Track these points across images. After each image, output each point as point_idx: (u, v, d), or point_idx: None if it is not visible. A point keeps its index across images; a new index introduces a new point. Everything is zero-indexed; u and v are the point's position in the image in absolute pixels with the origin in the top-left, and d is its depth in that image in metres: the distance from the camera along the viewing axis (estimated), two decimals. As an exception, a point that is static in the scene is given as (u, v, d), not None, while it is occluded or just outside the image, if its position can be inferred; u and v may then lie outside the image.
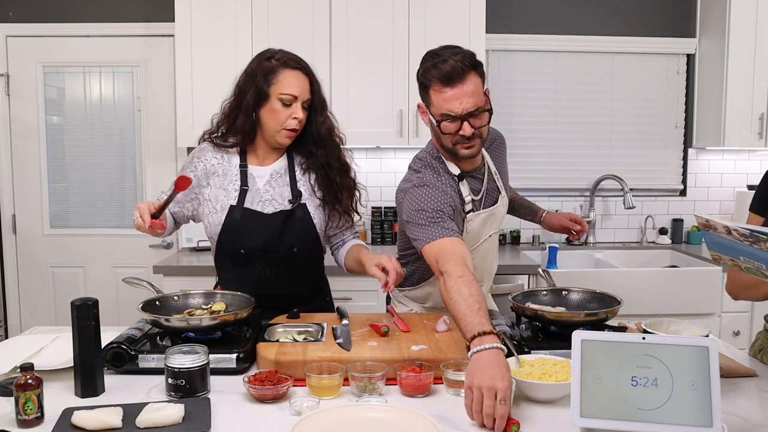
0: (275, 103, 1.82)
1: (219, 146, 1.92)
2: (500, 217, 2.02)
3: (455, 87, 1.69)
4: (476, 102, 1.71)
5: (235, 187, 1.89)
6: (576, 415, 1.18)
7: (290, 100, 1.82)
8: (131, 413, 1.27)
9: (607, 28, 3.69)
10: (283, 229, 1.88)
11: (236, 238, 1.88)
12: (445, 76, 1.69)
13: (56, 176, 3.68)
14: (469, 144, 1.77)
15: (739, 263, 1.32)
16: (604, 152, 3.79)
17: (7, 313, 3.72)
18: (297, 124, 1.85)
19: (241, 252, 1.88)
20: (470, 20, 3.22)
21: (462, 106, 1.70)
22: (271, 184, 1.92)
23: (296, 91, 1.82)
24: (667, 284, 3.10)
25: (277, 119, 1.84)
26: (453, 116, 1.72)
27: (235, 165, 1.92)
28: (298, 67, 1.84)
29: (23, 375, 1.27)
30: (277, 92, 1.82)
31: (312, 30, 3.22)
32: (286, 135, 1.86)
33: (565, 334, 1.48)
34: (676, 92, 3.78)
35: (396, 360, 1.50)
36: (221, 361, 1.54)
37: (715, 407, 1.13)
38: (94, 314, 1.43)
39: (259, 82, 1.82)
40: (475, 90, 1.71)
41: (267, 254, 1.89)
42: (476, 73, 1.72)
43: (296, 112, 1.83)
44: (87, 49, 3.60)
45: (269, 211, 1.89)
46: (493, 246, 2.04)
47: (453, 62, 1.68)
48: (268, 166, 1.94)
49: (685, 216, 3.82)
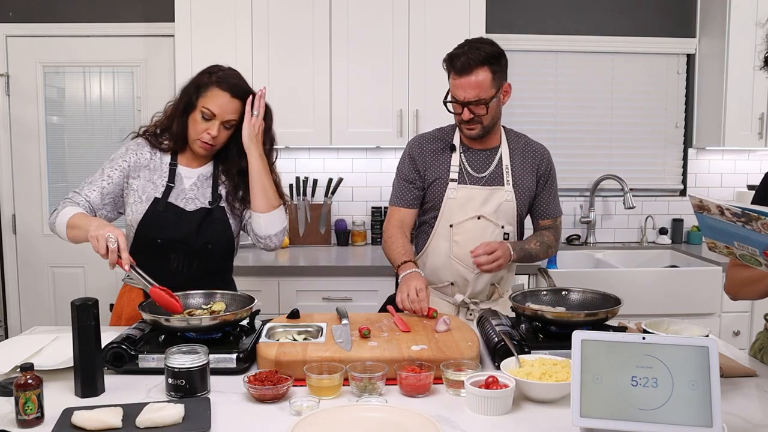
0: (197, 115, 1.95)
1: (154, 144, 2.03)
2: (490, 206, 2.10)
3: (462, 77, 1.98)
4: (478, 93, 1.98)
5: (163, 183, 1.99)
6: (576, 415, 1.18)
7: (209, 115, 1.94)
8: (131, 413, 1.27)
9: (607, 28, 3.69)
10: (200, 225, 1.99)
11: (155, 228, 1.96)
12: (456, 66, 1.97)
13: (56, 176, 3.68)
14: (469, 127, 2.05)
15: (734, 250, 1.31)
16: (604, 152, 3.79)
17: (7, 313, 3.72)
18: (210, 139, 1.95)
19: (158, 242, 1.96)
20: (470, 20, 3.22)
21: (464, 95, 1.99)
22: (196, 185, 2.04)
23: (216, 110, 1.94)
24: (667, 284, 3.10)
25: (195, 129, 1.96)
26: (457, 101, 2.01)
27: (166, 163, 2.03)
28: (228, 90, 1.95)
29: (23, 375, 1.27)
30: (201, 105, 1.94)
31: (312, 30, 3.22)
32: (200, 146, 1.97)
33: (565, 334, 1.48)
34: (676, 92, 3.78)
35: (396, 360, 1.50)
36: (221, 361, 1.54)
37: (715, 407, 1.13)
38: (94, 314, 1.43)
39: (193, 92, 1.96)
40: (480, 83, 1.97)
41: (182, 246, 1.97)
42: (488, 69, 1.97)
43: (212, 128, 1.94)
44: (87, 49, 3.60)
45: (191, 209, 2.00)
46: (483, 230, 2.10)
47: (466, 55, 1.96)
48: (196, 170, 2.05)
49: (685, 216, 3.81)
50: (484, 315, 1.86)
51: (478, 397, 1.33)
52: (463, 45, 2.00)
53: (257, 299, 1.79)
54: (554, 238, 2.21)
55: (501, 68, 2.01)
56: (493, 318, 1.79)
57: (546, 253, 2.17)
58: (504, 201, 2.11)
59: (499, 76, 2.01)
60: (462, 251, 2.10)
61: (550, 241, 2.18)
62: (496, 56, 1.99)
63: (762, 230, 1.19)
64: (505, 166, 2.13)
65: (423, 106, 3.27)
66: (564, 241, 3.74)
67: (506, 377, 1.37)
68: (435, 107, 3.31)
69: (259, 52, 3.22)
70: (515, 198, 2.12)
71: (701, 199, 1.25)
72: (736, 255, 1.33)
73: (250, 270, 3.02)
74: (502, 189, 2.11)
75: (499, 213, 2.11)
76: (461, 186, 2.11)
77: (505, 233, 2.13)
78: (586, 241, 3.74)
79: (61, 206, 1.91)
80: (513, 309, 1.76)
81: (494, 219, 2.11)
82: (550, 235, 2.19)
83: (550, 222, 2.22)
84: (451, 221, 2.11)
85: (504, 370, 1.43)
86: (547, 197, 2.20)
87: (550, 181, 2.20)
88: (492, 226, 2.11)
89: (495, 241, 2.04)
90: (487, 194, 2.11)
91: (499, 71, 2.00)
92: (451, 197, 2.11)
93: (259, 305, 1.79)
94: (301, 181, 3.58)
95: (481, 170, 2.13)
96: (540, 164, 2.17)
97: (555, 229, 2.23)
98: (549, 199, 2.20)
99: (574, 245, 3.71)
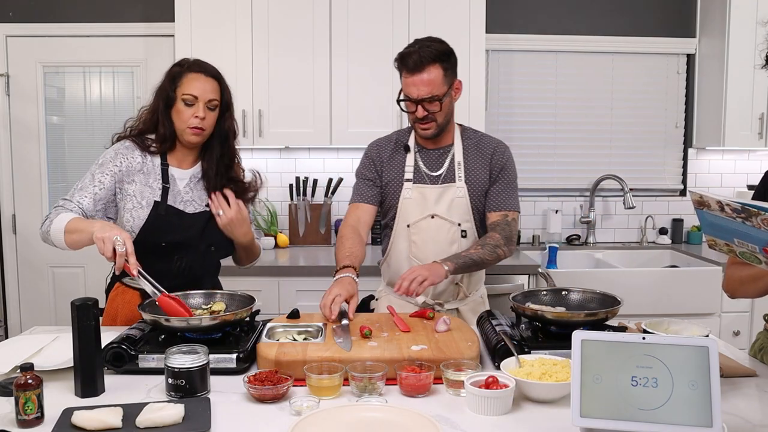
0: (180, 104, 1.94)
1: (142, 147, 2.00)
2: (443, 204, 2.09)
3: (414, 75, 1.98)
4: (431, 90, 1.98)
5: (158, 185, 1.98)
6: (576, 415, 1.18)
7: (191, 100, 1.93)
8: (131, 413, 1.27)
9: (607, 28, 3.69)
10: (204, 228, 2.00)
11: (159, 232, 1.95)
12: (408, 65, 1.98)
13: (56, 176, 3.68)
14: (424, 125, 2.05)
15: (734, 247, 1.31)
16: (604, 152, 3.79)
17: (7, 313, 3.72)
18: (199, 122, 1.94)
19: (161, 245, 1.96)
20: (470, 20, 3.22)
21: (417, 92, 1.99)
22: (190, 187, 2.03)
23: (197, 92, 1.93)
24: (667, 284, 3.10)
25: (181, 119, 1.95)
26: (410, 99, 2.01)
27: (157, 165, 2.00)
28: (202, 71, 1.97)
29: (23, 375, 1.27)
30: (181, 93, 1.94)
31: (312, 30, 3.22)
32: (192, 133, 1.95)
33: (565, 334, 1.48)
34: (676, 92, 3.78)
35: (396, 360, 1.50)
36: (221, 361, 1.54)
37: (715, 407, 1.13)
38: (94, 314, 1.43)
39: (168, 87, 1.96)
40: (433, 80, 1.97)
41: (186, 249, 1.98)
42: (440, 66, 1.98)
43: (198, 111, 1.94)
44: (87, 49, 3.60)
45: (191, 211, 2.00)
46: (438, 229, 2.10)
47: (417, 53, 1.96)
48: (188, 170, 2.04)
49: (685, 216, 3.82)
50: (484, 315, 1.86)
51: (478, 397, 1.33)
52: (414, 44, 2.00)
53: (257, 299, 1.79)
54: (501, 236, 2.04)
55: (451, 65, 2.02)
56: (493, 318, 1.79)
57: (494, 253, 2.00)
58: (456, 197, 2.09)
59: (450, 73, 2.02)
60: (420, 251, 2.11)
61: (495, 241, 2.03)
62: (447, 54, 2.00)
63: (762, 226, 1.19)
64: (458, 162, 2.11)
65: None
66: (564, 241, 3.74)
67: (506, 377, 1.37)
68: (435, 107, 3.33)
69: (259, 53, 3.22)
70: (468, 194, 2.10)
71: (701, 194, 1.25)
72: (736, 253, 1.33)
73: (250, 270, 3.01)
74: (453, 186, 2.10)
75: (452, 210, 2.10)
76: (415, 186, 2.11)
77: (463, 230, 2.10)
78: (586, 241, 3.74)
79: (54, 214, 1.86)
80: (513, 309, 1.76)
81: (448, 217, 2.09)
82: (495, 235, 2.05)
83: (500, 217, 2.09)
84: (407, 221, 2.12)
85: (504, 370, 1.43)
86: (498, 189, 2.11)
87: (504, 173, 2.12)
88: (447, 224, 2.09)
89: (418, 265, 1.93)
90: (440, 192, 2.10)
91: (449, 68, 2.01)
92: (407, 197, 2.11)
93: (259, 305, 1.79)
94: (301, 181, 3.58)
95: (436, 168, 2.12)
96: (492, 157, 2.12)
97: (504, 226, 2.07)
98: (499, 191, 2.11)
99: (574, 245, 3.71)
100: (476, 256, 1.99)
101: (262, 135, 3.26)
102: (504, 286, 3.00)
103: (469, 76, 3.25)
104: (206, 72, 1.97)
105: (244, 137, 3.25)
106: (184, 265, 1.98)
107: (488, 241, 2.03)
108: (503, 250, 2.03)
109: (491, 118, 3.63)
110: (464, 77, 3.25)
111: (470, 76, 3.25)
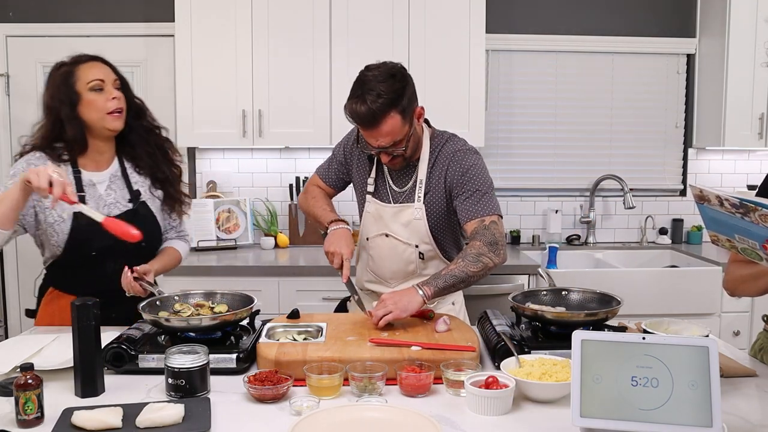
0: (88, 95, 1.87)
1: (53, 158, 1.90)
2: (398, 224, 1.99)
3: (370, 129, 1.83)
4: (393, 138, 1.84)
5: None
6: (576, 415, 1.18)
7: (99, 84, 1.88)
8: (131, 413, 1.27)
9: (607, 28, 3.69)
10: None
11: (87, 242, 1.88)
12: (361, 120, 1.83)
13: (56, 176, 3.67)
14: (391, 162, 1.94)
15: (735, 243, 1.32)
16: (604, 152, 3.79)
17: (7, 313, 3.72)
18: (117, 103, 1.90)
19: (92, 254, 1.90)
20: (470, 20, 3.22)
21: (378, 143, 1.86)
22: (111, 188, 1.97)
23: (100, 75, 1.89)
24: (667, 284, 3.10)
25: (96, 108, 1.88)
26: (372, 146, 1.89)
27: (71, 173, 1.92)
28: (91, 59, 1.92)
29: (23, 375, 1.27)
30: (84, 84, 1.87)
31: (312, 30, 3.22)
32: (112, 119, 1.90)
33: (565, 334, 1.48)
34: (676, 92, 3.77)
35: (396, 360, 1.50)
36: (221, 361, 1.54)
37: (715, 407, 1.13)
38: (94, 314, 1.43)
39: (64, 89, 1.87)
40: (391, 130, 1.82)
41: (117, 252, 1.91)
42: (396, 112, 1.81)
43: (111, 93, 1.89)
44: (87, 49, 3.53)
45: (116, 213, 1.92)
46: (392, 249, 2.02)
47: (367, 107, 1.79)
48: (105, 172, 1.97)
49: (685, 216, 3.81)
50: (485, 315, 1.86)
51: (478, 397, 1.33)
52: (358, 90, 1.82)
53: (257, 299, 1.79)
54: (483, 243, 1.84)
55: (408, 101, 1.84)
56: (494, 318, 1.79)
57: (478, 263, 1.81)
58: (413, 219, 1.97)
59: (409, 110, 1.85)
60: (377, 267, 2.07)
61: (477, 249, 1.83)
62: (399, 93, 1.81)
63: (760, 222, 1.19)
64: (420, 180, 1.96)
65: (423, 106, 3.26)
66: (564, 241, 3.74)
67: (506, 377, 1.37)
68: (435, 107, 3.31)
69: (259, 53, 3.22)
70: (425, 215, 1.96)
71: (701, 189, 1.25)
72: (738, 249, 1.33)
73: (250, 270, 3.03)
74: (411, 206, 1.97)
75: (410, 231, 1.98)
76: (374, 200, 2.04)
77: (420, 253, 1.98)
78: (586, 241, 3.74)
79: None
80: (513, 309, 1.76)
81: (404, 238, 1.99)
82: (476, 243, 1.85)
83: (476, 224, 1.88)
84: (366, 235, 2.08)
85: (504, 370, 1.43)
86: (464, 199, 1.92)
87: (466, 184, 1.92)
88: (402, 245, 1.99)
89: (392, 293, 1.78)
90: (396, 212, 1.99)
91: (407, 106, 1.83)
92: (368, 210, 2.06)
93: (259, 305, 1.79)
94: (301, 181, 3.58)
95: (402, 184, 2.01)
96: (447, 170, 1.94)
97: (483, 231, 1.86)
98: (466, 201, 1.91)
99: (574, 245, 3.71)
100: (459, 272, 1.79)
101: (262, 135, 3.26)
102: (504, 286, 3.00)
103: (469, 76, 3.25)
104: (96, 59, 1.93)
105: (244, 137, 3.25)
106: (119, 267, 1.90)
107: (469, 251, 1.83)
108: (489, 257, 1.82)
109: (491, 118, 3.63)
110: (464, 77, 3.30)
111: (470, 76, 3.25)
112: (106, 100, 1.88)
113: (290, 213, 3.59)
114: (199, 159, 3.62)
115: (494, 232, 1.86)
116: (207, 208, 3.42)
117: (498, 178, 3.74)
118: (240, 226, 3.49)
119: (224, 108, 3.23)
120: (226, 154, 3.62)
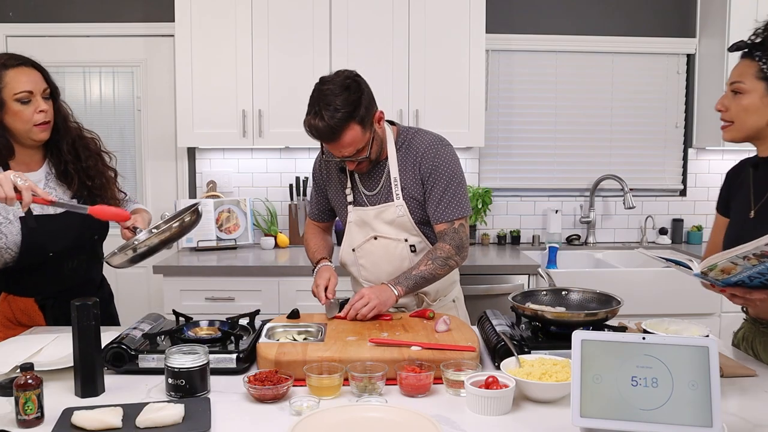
0: (14, 105, 1.79)
1: None
2: (383, 224, 2.01)
3: (330, 143, 1.86)
4: (355, 147, 1.86)
5: None
6: (576, 415, 1.18)
7: (27, 96, 1.79)
8: (131, 413, 1.27)
9: (607, 28, 3.69)
10: (82, 222, 1.86)
11: (42, 244, 1.85)
12: (320, 135, 1.84)
13: (56, 176, 3.68)
14: (357, 167, 1.96)
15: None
16: (604, 152, 3.79)
17: (7, 313, 3.71)
18: (44, 116, 1.82)
19: (50, 255, 1.87)
20: (470, 20, 3.22)
21: (341, 153, 1.88)
22: (49, 185, 1.91)
23: (30, 86, 1.79)
24: (667, 284, 3.10)
25: (22, 119, 1.80)
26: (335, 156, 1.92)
27: None
28: (22, 63, 1.81)
29: (23, 375, 1.27)
30: (11, 95, 1.78)
31: (312, 30, 3.22)
32: (40, 130, 1.83)
33: (565, 334, 1.48)
34: (676, 92, 3.77)
35: (396, 360, 1.50)
36: (221, 361, 1.54)
37: (715, 407, 1.13)
38: (94, 314, 1.43)
39: None
40: (352, 140, 1.84)
41: (75, 250, 1.89)
42: (354, 122, 1.82)
43: (38, 104, 1.81)
44: (87, 49, 3.60)
45: (61, 211, 1.87)
46: (385, 249, 2.03)
47: (325, 123, 1.79)
48: (39, 170, 1.92)
49: (685, 216, 3.81)
50: (485, 315, 1.86)
51: (478, 397, 1.33)
52: (315, 105, 1.83)
53: (257, 299, 1.79)
54: (451, 246, 1.94)
55: (366, 110, 1.84)
56: (493, 318, 1.79)
57: (445, 266, 1.93)
58: (397, 217, 1.99)
59: (368, 118, 1.85)
60: (371, 274, 2.07)
61: (446, 252, 1.94)
62: (356, 104, 1.81)
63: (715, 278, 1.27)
64: (394, 179, 1.98)
65: (423, 106, 3.27)
66: (564, 241, 3.74)
67: (506, 377, 1.37)
68: (435, 107, 3.33)
69: (259, 53, 3.22)
70: (408, 211, 1.99)
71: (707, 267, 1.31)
72: None
73: (250, 270, 3.02)
74: (393, 205, 1.99)
75: (396, 229, 2.01)
76: (356, 208, 2.04)
77: (411, 245, 2.01)
78: (586, 241, 3.74)
79: None
80: (513, 309, 1.76)
81: (393, 235, 2.01)
82: (444, 246, 1.94)
83: (446, 227, 1.96)
84: (352, 245, 2.07)
85: (504, 370, 1.43)
86: (436, 198, 1.96)
87: (437, 179, 1.95)
88: (393, 243, 2.02)
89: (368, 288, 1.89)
90: (378, 212, 2.01)
91: (365, 115, 1.84)
92: (350, 220, 2.05)
93: (259, 305, 1.79)
94: (301, 181, 3.58)
95: (372, 188, 2.03)
96: (421, 164, 1.97)
97: (453, 234, 1.96)
98: (438, 200, 1.96)
99: (574, 245, 3.71)
100: (427, 273, 1.91)
101: (262, 135, 3.26)
102: (504, 286, 3.00)
103: (469, 76, 3.25)
104: (26, 63, 1.82)
105: (244, 137, 3.25)
106: (76, 265, 1.88)
107: (438, 254, 1.93)
108: (456, 260, 1.96)
109: (491, 118, 3.63)
110: (464, 77, 3.30)
111: (470, 76, 3.25)
112: (33, 112, 1.81)
113: (290, 213, 3.59)
114: (199, 159, 3.63)
115: (462, 235, 1.99)
116: (207, 208, 3.42)
117: (498, 178, 3.74)
118: (240, 226, 3.49)
119: (224, 108, 3.23)
120: (226, 154, 3.62)
